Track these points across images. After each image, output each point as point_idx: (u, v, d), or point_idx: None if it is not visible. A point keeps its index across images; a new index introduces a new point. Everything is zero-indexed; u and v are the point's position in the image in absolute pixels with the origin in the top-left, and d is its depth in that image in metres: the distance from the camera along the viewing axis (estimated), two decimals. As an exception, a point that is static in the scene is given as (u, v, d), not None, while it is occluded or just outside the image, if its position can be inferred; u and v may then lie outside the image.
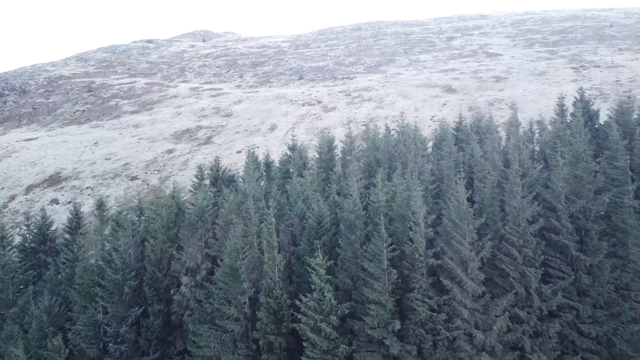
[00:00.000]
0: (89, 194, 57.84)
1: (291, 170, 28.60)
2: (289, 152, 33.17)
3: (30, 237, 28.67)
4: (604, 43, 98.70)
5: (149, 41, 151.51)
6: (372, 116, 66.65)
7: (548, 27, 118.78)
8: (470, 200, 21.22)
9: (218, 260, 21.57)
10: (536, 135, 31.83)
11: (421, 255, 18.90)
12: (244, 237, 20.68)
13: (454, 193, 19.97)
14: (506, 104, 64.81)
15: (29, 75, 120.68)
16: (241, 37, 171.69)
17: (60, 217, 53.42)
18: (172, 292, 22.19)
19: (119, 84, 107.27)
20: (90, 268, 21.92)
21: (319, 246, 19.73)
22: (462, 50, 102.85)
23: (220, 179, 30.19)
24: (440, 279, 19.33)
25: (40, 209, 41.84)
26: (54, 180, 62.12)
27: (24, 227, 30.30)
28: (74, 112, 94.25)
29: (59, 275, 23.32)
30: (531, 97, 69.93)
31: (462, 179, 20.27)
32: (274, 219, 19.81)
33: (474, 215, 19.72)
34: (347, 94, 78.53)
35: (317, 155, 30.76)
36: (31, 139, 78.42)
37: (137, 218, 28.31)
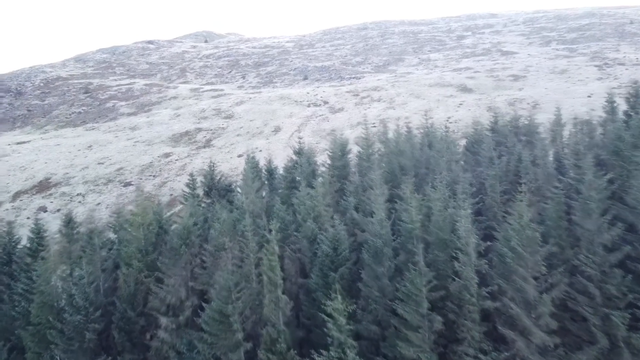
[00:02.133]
0: (79, 201, 53.39)
1: (298, 178, 24.09)
2: (294, 157, 28.51)
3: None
4: (625, 40, 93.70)
5: (150, 42, 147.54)
6: (383, 117, 61.97)
7: (563, 24, 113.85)
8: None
9: (207, 295, 16.99)
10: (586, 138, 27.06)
11: (472, 296, 14.26)
12: (239, 268, 16.13)
13: (513, 212, 15.35)
14: (528, 103, 59.99)
15: (25, 77, 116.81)
16: (244, 37, 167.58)
17: (47, 227, 49.08)
18: (148, 336, 17.61)
19: (117, 85, 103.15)
20: (50, 303, 17.43)
21: (336, 280, 15.15)
22: (474, 49, 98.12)
23: (215, 189, 25.68)
24: (498, 326, 14.65)
25: (7, 222, 37.29)
26: (43, 186, 57.72)
27: (-13, 246, 25.83)
28: (70, 114, 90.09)
29: (14, 311, 18.78)
30: (554, 96, 65.04)
31: (524, 194, 15.51)
32: (276, 248, 15.16)
33: (541, 241, 15.05)
34: (355, 94, 73.93)
35: (328, 161, 26.01)
36: (23, 142, 74.13)
37: (114, 235, 23.77)
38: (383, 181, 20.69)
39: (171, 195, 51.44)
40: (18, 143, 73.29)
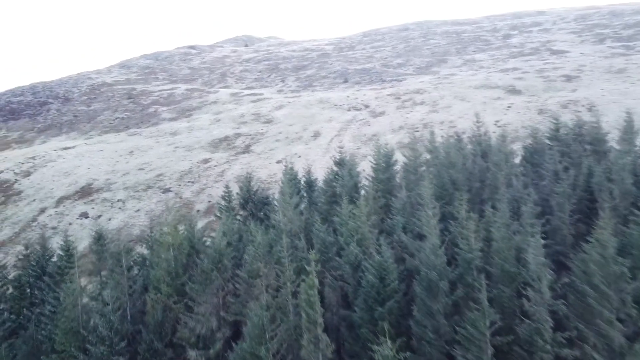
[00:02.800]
0: (119, 207, 53.64)
1: (338, 191, 22.28)
2: (335, 168, 26.65)
3: (30, 269, 23.78)
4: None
5: (192, 47, 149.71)
6: (426, 121, 59.38)
7: (618, 21, 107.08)
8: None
9: (240, 326, 15.46)
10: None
11: (546, 342, 12.11)
12: (274, 298, 14.51)
13: (592, 241, 13.00)
14: (582, 105, 55.94)
15: (72, 84, 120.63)
16: (283, 41, 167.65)
17: (89, 233, 49.48)
18: (176, 369, 16.27)
19: (160, 91, 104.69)
20: (75, 329, 16.36)
21: (384, 317, 13.30)
22: (522, 48, 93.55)
23: (252, 201, 24.31)
24: (577, 379, 12.41)
25: (40, 233, 37.20)
26: (86, 191, 58.45)
27: (22, 256, 25.39)
28: (114, 120, 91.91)
29: (40, 334, 17.86)
30: (611, 97, 60.58)
31: (607, 219, 13.07)
32: (316, 281, 13.39)
33: (630, 278, 12.64)
34: (396, 97, 71.53)
35: (371, 174, 23.89)
36: (68, 148, 75.78)
37: (148, 251, 22.64)
38: (433, 197, 18.59)
39: (209, 202, 50.79)
40: (63, 149, 75.00)
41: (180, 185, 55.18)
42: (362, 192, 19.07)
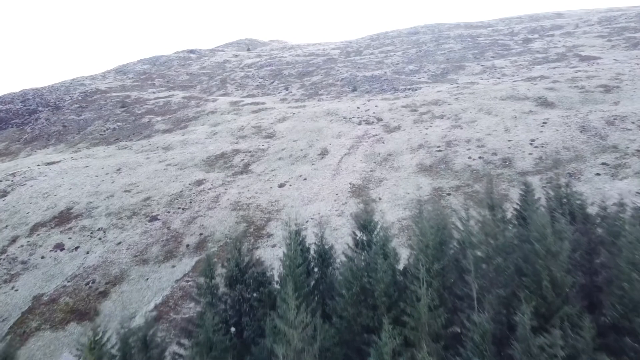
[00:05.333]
0: (99, 238, 46.84)
1: (369, 284, 14.61)
2: (356, 234, 18.90)
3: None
4: None
5: (191, 51, 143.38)
6: (449, 139, 52.34)
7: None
8: None
9: None
10: None
11: None
12: None
13: None
14: (632, 122, 48.72)
15: (64, 90, 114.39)
16: (287, 44, 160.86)
17: (62, 269, 42.71)
18: None
19: (155, 99, 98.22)
20: None
21: None
22: (546, 54, 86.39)
23: (242, 281, 17.40)
24: None
25: (7, 268, 30.52)
26: (64, 217, 51.69)
27: None
28: (104, 131, 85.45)
29: None
30: (660, 111, 53.44)
31: None
32: None
33: None
34: (412, 109, 64.57)
35: (412, 250, 16.35)
36: (53, 163, 69.16)
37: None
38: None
39: (201, 234, 43.94)
40: (47, 164, 68.41)
41: (169, 212, 48.37)
42: (411, 287, 12.04)
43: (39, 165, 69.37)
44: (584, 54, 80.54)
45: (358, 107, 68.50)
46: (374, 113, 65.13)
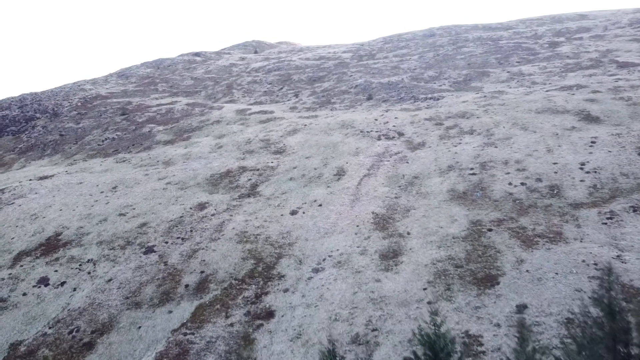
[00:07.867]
0: (88, 272, 41.15)
1: None
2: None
3: None
4: None
5: (197, 54, 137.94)
6: (483, 159, 46.23)
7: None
8: None
9: None
10: None
11: None
12: None
13: None
14: (695, 142, 42.31)
15: (64, 95, 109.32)
16: (296, 47, 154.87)
17: (45, 310, 37.07)
18: None
19: (157, 105, 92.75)
20: None
21: None
22: (578, 59, 79.99)
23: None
24: None
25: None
26: (51, 245, 46.15)
27: None
28: (103, 141, 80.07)
29: None
30: None
31: None
32: None
33: None
34: (437, 122, 58.51)
35: None
36: (46, 177, 63.73)
37: None
38: None
39: (202, 272, 38.09)
40: (40, 178, 63.04)
41: (166, 242, 42.64)
42: None
43: (30, 180, 63.97)
44: (621, 60, 74.07)
45: (376, 119, 62.54)
46: (394, 126, 59.14)
